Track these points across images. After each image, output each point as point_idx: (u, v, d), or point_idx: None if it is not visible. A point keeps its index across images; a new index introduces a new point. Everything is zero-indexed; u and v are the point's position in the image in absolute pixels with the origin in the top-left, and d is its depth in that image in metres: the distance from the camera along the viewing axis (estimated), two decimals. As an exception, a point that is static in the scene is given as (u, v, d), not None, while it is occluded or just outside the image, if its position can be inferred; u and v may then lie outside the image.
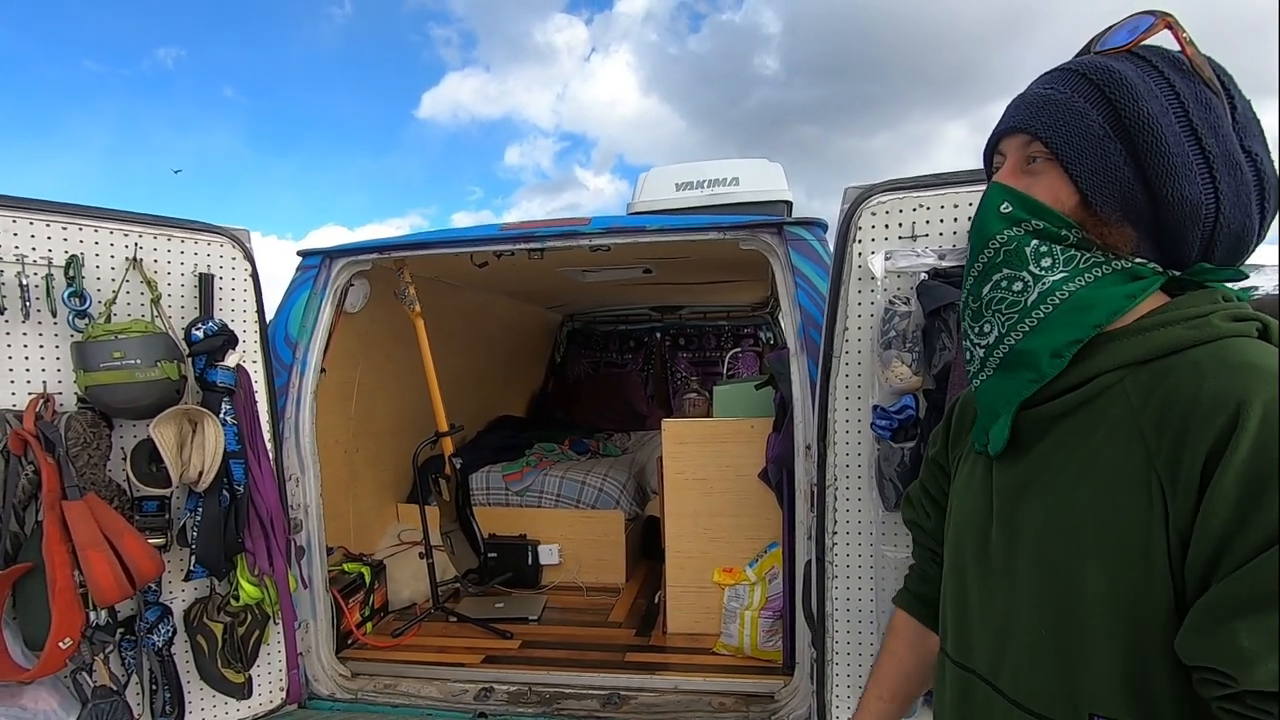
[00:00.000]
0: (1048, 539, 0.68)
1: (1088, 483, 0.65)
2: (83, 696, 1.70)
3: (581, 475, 3.61)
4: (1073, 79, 0.70)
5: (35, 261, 1.70)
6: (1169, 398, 0.61)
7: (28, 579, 1.60)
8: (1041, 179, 0.71)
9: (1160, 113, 0.65)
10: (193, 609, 1.99)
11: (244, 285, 2.09)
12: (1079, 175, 0.68)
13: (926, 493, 0.97)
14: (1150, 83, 0.67)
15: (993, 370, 0.74)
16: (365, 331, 3.10)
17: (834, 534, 1.84)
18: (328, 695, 2.33)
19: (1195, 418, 0.58)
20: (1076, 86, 0.69)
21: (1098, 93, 0.68)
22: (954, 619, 0.82)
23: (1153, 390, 0.63)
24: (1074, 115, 0.68)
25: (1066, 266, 0.69)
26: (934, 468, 0.96)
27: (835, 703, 1.88)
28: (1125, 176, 0.67)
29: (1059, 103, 0.69)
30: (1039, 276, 0.70)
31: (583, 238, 2.35)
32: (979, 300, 0.75)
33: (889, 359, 1.66)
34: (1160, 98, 0.66)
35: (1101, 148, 0.67)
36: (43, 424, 1.63)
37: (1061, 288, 0.69)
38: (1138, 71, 0.67)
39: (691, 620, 2.78)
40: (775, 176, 4.45)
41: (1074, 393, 0.68)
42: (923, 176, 1.70)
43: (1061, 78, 0.71)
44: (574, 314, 5.75)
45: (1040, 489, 0.70)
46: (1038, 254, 0.70)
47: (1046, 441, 0.70)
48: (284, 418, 2.29)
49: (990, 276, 0.73)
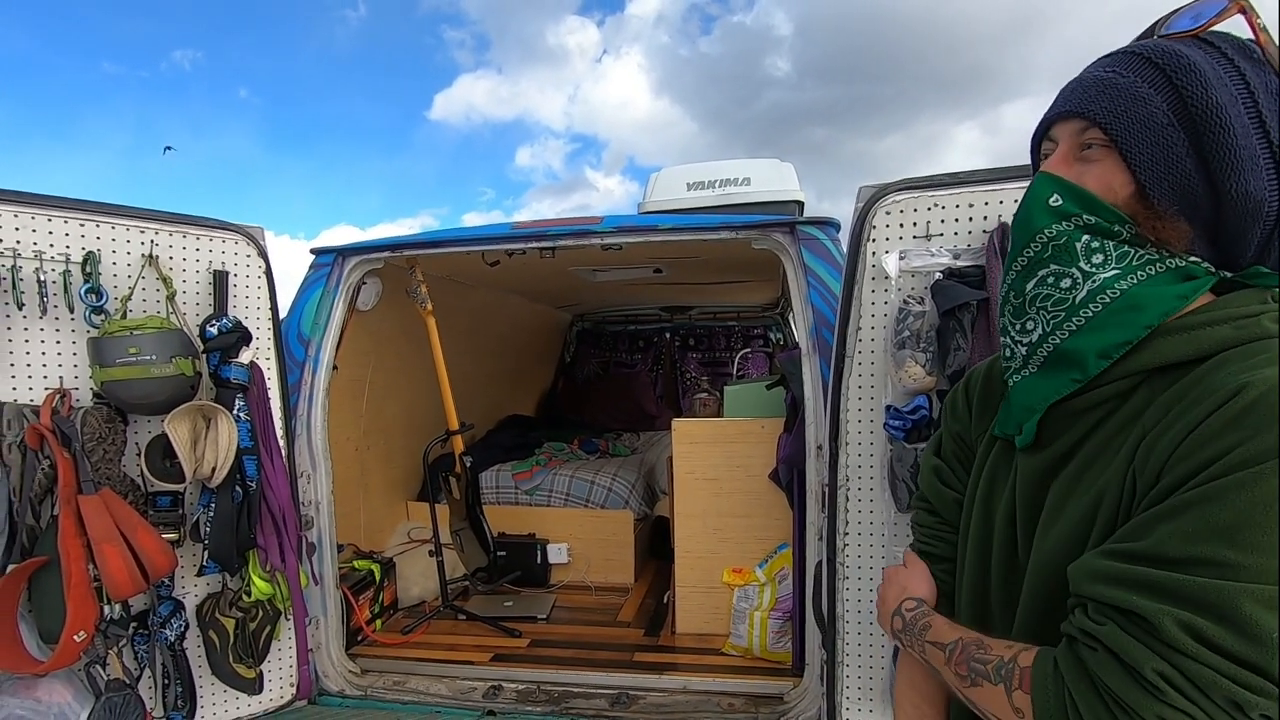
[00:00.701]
0: (1056, 532, 0.68)
1: (1097, 479, 0.65)
2: (96, 690, 1.71)
3: (591, 475, 3.61)
4: (1136, 62, 0.66)
5: (53, 258, 1.72)
6: (1185, 387, 0.60)
7: (43, 572, 1.62)
8: (1095, 167, 0.67)
9: (1229, 102, 0.62)
10: (205, 604, 2.00)
11: (258, 282, 2.10)
12: (1137, 164, 0.64)
13: (949, 468, 0.92)
14: (1220, 70, 0.63)
15: (1035, 369, 0.71)
16: (377, 330, 3.11)
17: (845, 535, 1.82)
18: (337, 692, 2.34)
19: (1194, 397, 0.57)
20: (1140, 71, 0.65)
21: (1163, 78, 0.64)
22: (972, 607, 0.81)
23: (1173, 383, 0.62)
24: (1136, 101, 0.64)
25: (1119, 263, 0.66)
26: (957, 445, 0.91)
27: (845, 705, 1.87)
28: (1186, 168, 0.63)
29: (1120, 87, 0.65)
30: (1089, 273, 0.67)
31: (594, 236, 2.35)
32: (1022, 296, 0.71)
33: (903, 359, 1.65)
34: (1230, 86, 0.62)
35: (1164, 136, 0.63)
36: (59, 419, 1.65)
37: (1113, 285, 0.66)
38: (1206, 58, 0.63)
39: (700, 621, 2.77)
40: (787, 176, 4.44)
41: (1107, 387, 0.67)
42: (937, 175, 1.68)
43: (1124, 61, 0.67)
44: (584, 313, 5.75)
45: (1060, 482, 0.69)
46: (1089, 250, 0.67)
47: (1072, 434, 0.69)
48: (296, 415, 2.30)
49: (1036, 272, 0.70)
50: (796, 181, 4.43)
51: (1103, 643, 0.56)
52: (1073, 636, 0.60)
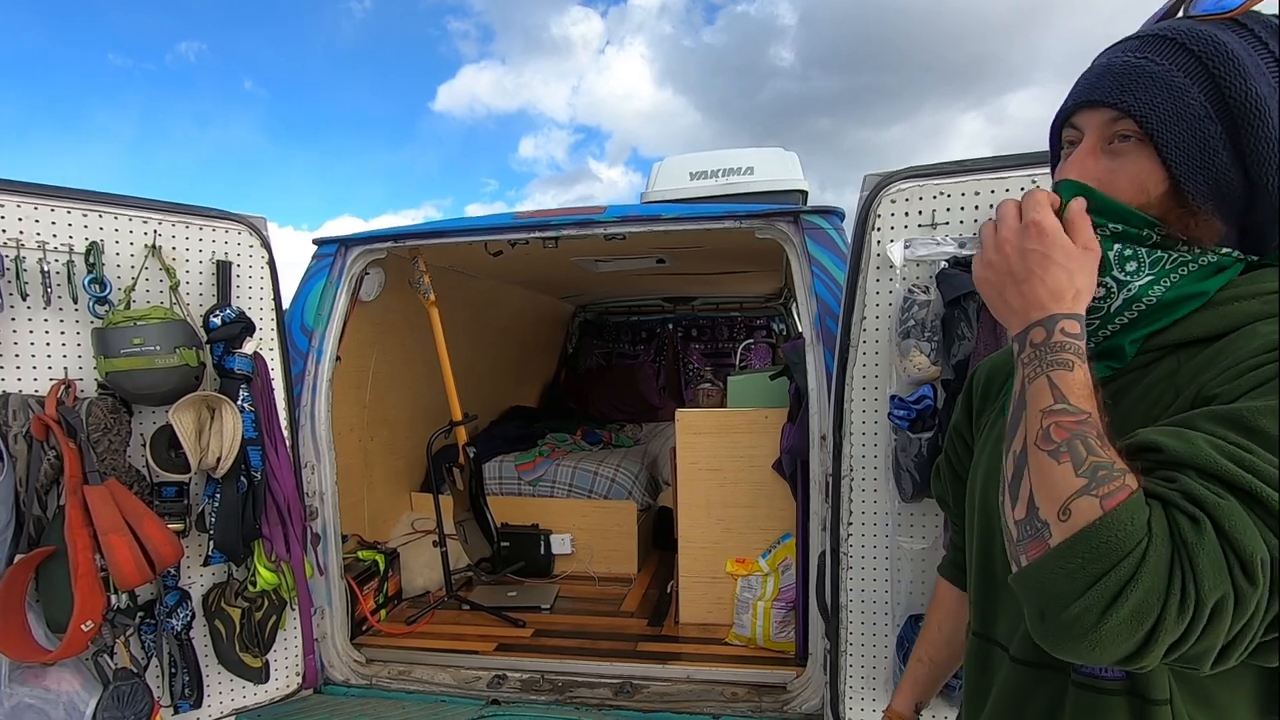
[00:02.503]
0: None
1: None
2: (104, 678, 1.72)
3: (594, 466, 3.61)
4: (1170, 49, 0.62)
5: (56, 248, 1.72)
6: (1217, 351, 0.59)
7: (50, 562, 1.62)
8: (1128, 161, 0.64)
9: (1269, 94, 0.59)
10: (211, 594, 2.01)
11: (261, 273, 2.10)
12: (1173, 160, 0.61)
13: (950, 466, 0.96)
14: (1257, 57, 0.60)
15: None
16: (380, 320, 3.11)
17: (849, 525, 1.82)
18: (342, 681, 2.35)
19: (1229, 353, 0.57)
20: (1175, 58, 0.61)
21: (1200, 67, 0.60)
22: (979, 591, 0.82)
23: (1200, 353, 0.61)
24: (1173, 91, 0.61)
25: (1153, 269, 0.64)
26: (955, 439, 0.94)
27: (848, 694, 1.87)
28: (1223, 162, 0.61)
29: (1155, 75, 0.62)
30: (1124, 283, 0.65)
31: (597, 226, 2.34)
32: None
33: (907, 348, 1.65)
34: (1268, 75, 0.59)
35: (1201, 129, 0.60)
36: (64, 409, 1.65)
37: (1148, 293, 0.64)
38: (1242, 44, 0.60)
39: (704, 610, 2.78)
40: (791, 165, 4.41)
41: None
42: (943, 164, 1.67)
43: (1157, 46, 0.63)
44: (586, 304, 5.74)
45: None
46: (1121, 259, 0.65)
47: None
48: (300, 405, 2.30)
49: None
50: (800, 171, 4.41)
51: (1212, 515, 0.49)
52: (1168, 499, 0.51)
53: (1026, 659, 0.71)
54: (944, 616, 1.03)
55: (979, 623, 0.82)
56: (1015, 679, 0.73)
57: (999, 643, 0.77)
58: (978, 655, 0.82)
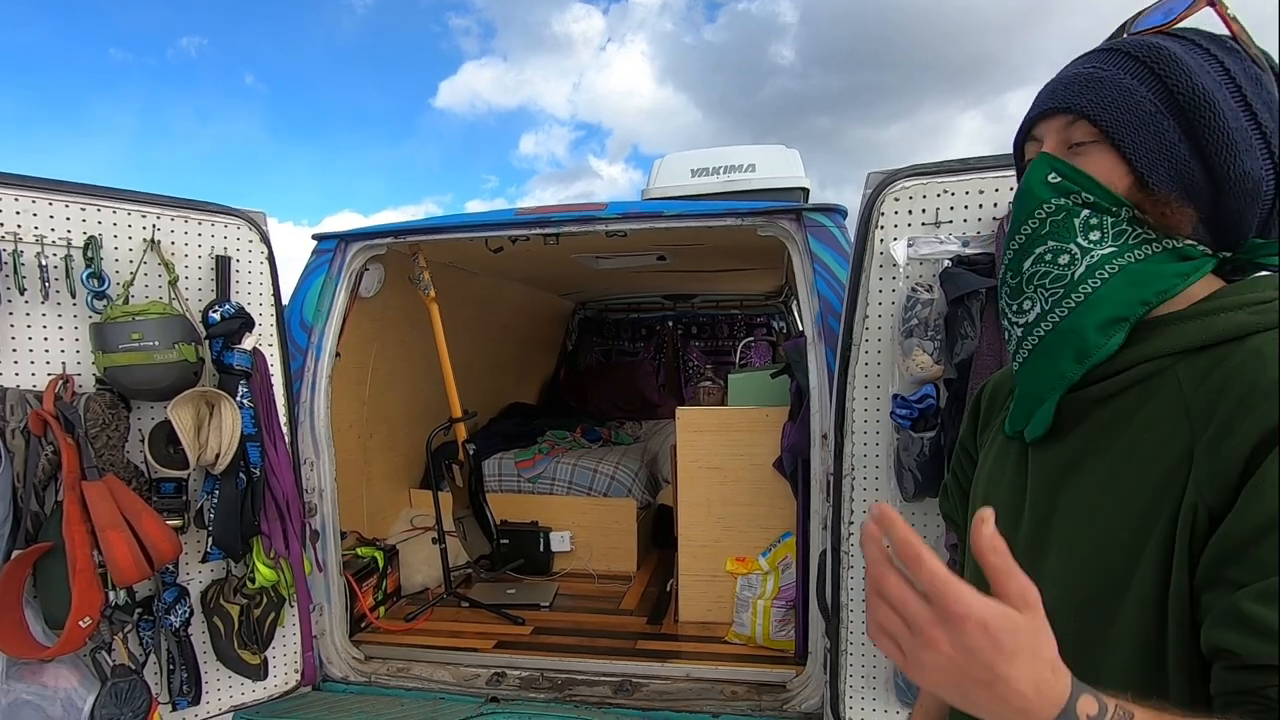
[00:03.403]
0: (1081, 525, 0.65)
1: (1125, 470, 0.62)
2: (102, 675, 1.72)
3: (594, 463, 3.61)
4: (1116, 57, 0.66)
5: (54, 242, 1.71)
6: (1227, 381, 0.58)
7: (48, 558, 1.62)
8: (1090, 162, 0.66)
9: (1215, 87, 0.62)
10: (209, 590, 2.00)
11: (260, 268, 2.09)
12: (1133, 154, 0.64)
13: (958, 483, 0.94)
14: (1199, 59, 0.63)
15: (1030, 350, 0.70)
16: (379, 316, 3.10)
17: (850, 524, 1.82)
18: (341, 678, 2.35)
19: (1252, 400, 0.55)
20: (1121, 64, 0.65)
21: (1145, 70, 0.64)
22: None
23: (1207, 376, 0.60)
24: (1122, 91, 0.64)
25: (1116, 241, 0.65)
26: (961, 454, 0.93)
27: (848, 693, 1.87)
28: (1182, 154, 0.63)
29: (1104, 80, 0.65)
30: (1087, 249, 0.66)
31: (599, 223, 2.33)
32: (1019, 275, 0.70)
33: (910, 347, 1.64)
34: (1212, 74, 0.63)
35: (1155, 123, 0.63)
36: (62, 404, 1.64)
37: (1111, 261, 0.65)
38: (1183, 48, 0.64)
39: (703, 609, 2.77)
40: (792, 163, 4.40)
41: (1123, 375, 0.65)
42: (947, 161, 1.66)
43: (1103, 57, 0.67)
44: (586, 301, 5.73)
45: (1078, 474, 0.67)
46: (1087, 225, 0.66)
47: (1088, 424, 0.67)
48: (299, 402, 2.29)
49: (1033, 250, 0.69)
50: (802, 168, 4.39)
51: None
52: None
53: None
54: None
55: None
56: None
57: None
58: None
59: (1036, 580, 0.70)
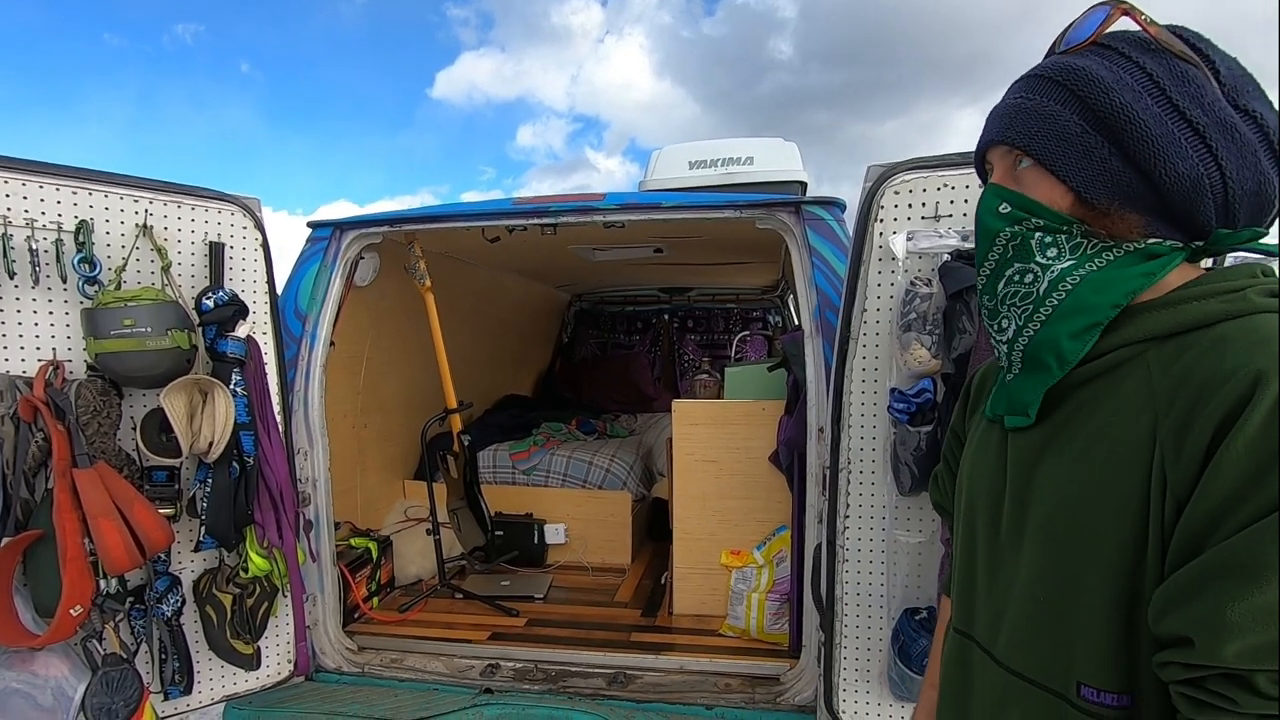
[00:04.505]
0: (1055, 508, 0.68)
1: (1095, 453, 0.65)
2: (93, 664, 1.71)
3: (589, 455, 3.60)
4: (1039, 84, 0.71)
5: (45, 226, 1.68)
6: (1189, 369, 0.60)
7: (38, 546, 1.60)
8: (1031, 184, 0.71)
9: (1134, 99, 0.65)
10: (202, 580, 1.99)
11: (254, 255, 2.07)
12: (1066, 175, 0.68)
13: (950, 471, 0.97)
14: (1118, 70, 0.67)
15: (1019, 367, 0.74)
16: (375, 306, 3.08)
17: (846, 518, 1.82)
18: (334, 668, 2.34)
19: (1211, 387, 0.57)
20: (1045, 91, 0.70)
21: (1067, 93, 0.68)
22: (960, 587, 0.83)
23: (1173, 363, 0.62)
24: (1047, 119, 0.69)
25: (1074, 254, 0.69)
26: (953, 441, 0.96)
27: (842, 686, 1.88)
28: (1114, 167, 0.66)
29: (1029, 109, 0.70)
30: (1046, 266, 0.70)
31: (596, 213, 2.31)
32: (994, 298, 0.75)
33: (908, 341, 1.63)
34: (1132, 84, 0.66)
35: (1082, 144, 0.67)
36: (53, 391, 1.62)
37: (1072, 274, 0.69)
38: (1103, 63, 0.67)
39: (698, 602, 2.78)
40: (790, 156, 4.38)
41: (1096, 362, 0.68)
42: (947, 155, 1.65)
43: (1028, 85, 0.72)
44: (582, 294, 5.72)
45: (1052, 457, 0.70)
46: (1043, 244, 0.70)
47: (1063, 410, 0.70)
48: (293, 391, 2.28)
49: (1003, 273, 0.73)
50: (800, 162, 4.38)
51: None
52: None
53: (1019, 671, 0.72)
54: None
55: (959, 617, 0.83)
56: (1002, 687, 0.73)
57: (978, 641, 0.78)
58: (956, 651, 0.83)
59: (1012, 568, 0.73)
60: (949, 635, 0.85)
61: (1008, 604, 0.73)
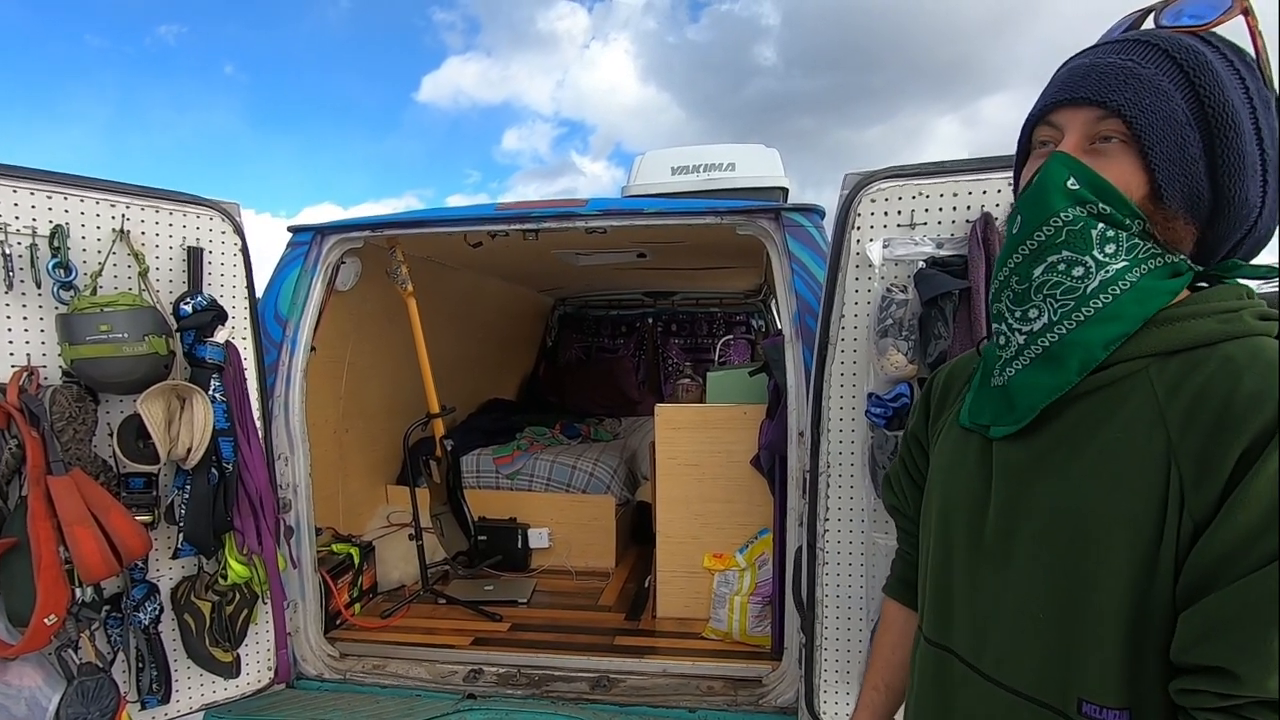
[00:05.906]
0: (1057, 522, 0.65)
1: (1103, 469, 0.63)
2: (68, 673, 1.68)
3: (572, 460, 3.60)
4: (1155, 54, 0.63)
5: (19, 231, 1.66)
6: (1203, 390, 0.59)
7: (12, 555, 1.58)
8: (1111, 162, 0.64)
9: (1241, 105, 0.61)
10: (180, 587, 1.97)
11: (234, 260, 2.06)
12: (1158, 163, 0.62)
13: (908, 474, 0.94)
14: (1229, 73, 0.62)
15: (1031, 359, 0.68)
16: (356, 310, 3.07)
17: (826, 520, 1.84)
18: (316, 675, 2.32)
19: (1232, 413, 0.56)
20: (1160, 64, 0.62)
21: (1183, 76, 0.61)
22: (933, 598, 0.80)
23: (1182, 381, 0.61)
24: (1160, 96, 0.61)
25: (1129, 255, 0.64)
26: (913, 445, 0.92)
27: (823, 687, 1.90)
28: (1197, 170, 0.62)
29: (1143, 79, 0.62)
30: (1102, 263, 0.64)
31: (579, 219, 2.32)
32: (1027, 281, 0.67)
33: (885, 347, 1.66)
34: (1238, 89, 0.61)
35: (1183, 136, 0.61)
36: (27, 397, 1.60)
37: (1124, 277, 0.64)
38: (1217, 57, 0.62)
39: (681, 605, 2.79)
40: (772, 162, 4.42)
41: (1094, 376, 0.65)
42: (923, 165, 1.69)
43: (1141, 50, 0.63)
44: (566, 298, 5.72)
45: (1051, 471, 0.67)
46: (1104, 239, 0.64)
47: (1060, 423, 0.68)
48: (273, 396, 2.26)
49: (1045, 257, 0.66)
50: (781, 168, 4.42)
51: None
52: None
53: (1011, 685, 0.68)
54: (896, 640, 0.98)
55: (933, 628, 0.80)
56: (991, 702, 0.70)
57: (960, 656, 0.75)
58: (933, 664, 0.79)
59: (1001, 581, 0.70)
60: (920, 646, 0.82)
61: (995, 617, 0.70)
